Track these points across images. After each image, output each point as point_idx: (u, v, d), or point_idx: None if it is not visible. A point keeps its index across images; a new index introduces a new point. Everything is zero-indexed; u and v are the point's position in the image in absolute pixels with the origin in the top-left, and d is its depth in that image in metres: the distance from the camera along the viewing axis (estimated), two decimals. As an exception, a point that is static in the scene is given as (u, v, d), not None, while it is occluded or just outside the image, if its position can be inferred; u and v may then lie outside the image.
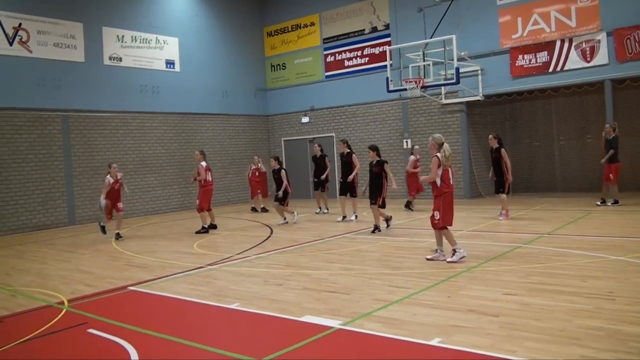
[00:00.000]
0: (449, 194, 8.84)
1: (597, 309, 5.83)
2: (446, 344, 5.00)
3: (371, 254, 9.81)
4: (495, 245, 9.85)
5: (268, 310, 6.46)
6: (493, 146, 13.59)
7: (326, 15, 22.52)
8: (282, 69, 24.01)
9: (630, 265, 7.74)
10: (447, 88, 18.59)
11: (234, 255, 10.32)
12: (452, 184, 8.92)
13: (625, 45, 16.11)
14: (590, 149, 19.21)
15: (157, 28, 20.47)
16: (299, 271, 8.60)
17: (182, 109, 21.09)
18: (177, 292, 7.62)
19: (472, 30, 18.27)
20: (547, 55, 17.41)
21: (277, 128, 24.27)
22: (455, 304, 6.25)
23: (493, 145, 13.59)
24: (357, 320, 5.85)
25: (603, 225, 11.75)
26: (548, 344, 4.87)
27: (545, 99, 19.62)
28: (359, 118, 21.60)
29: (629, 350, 4.64)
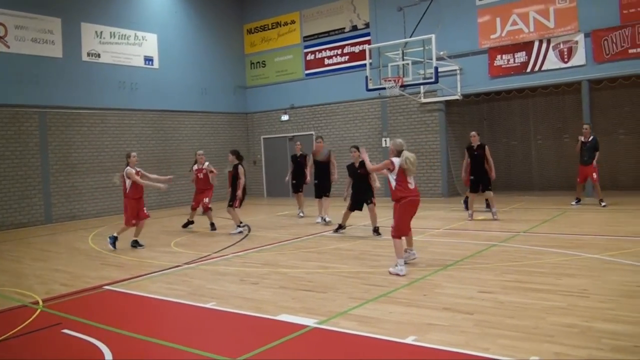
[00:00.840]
0: (408, 201, 8.07)
1: (570, 306, 5.90)
2: (421, 342, 5.02)
3: (349, 252, 9.83)
4: (471, 244, 9.93)
5: (244, 309, 6.43)
6: (475, 144, 13.40)
7: (307, 13, 22.51)
8: (262, 67, 23.95)
9: (605, 263, 7.84)
10: (426, 87, 18.69)
11: (212, 253, 10.28)
12: (414, 189, 8.17)
13: (602, 46, 16.31)
14: (568, 148, 19.42)
15: (136, 24, 20.29)
16: (275, 270, 8.58)
17: (161, 106, 20.93)
18: (153, 291, 7.57)
19: (452, 30, 18.37)
20: (525, 55, 17.57)
21: (257, 126, 24.21)
22: (430, 302, 6.28)
23: (475, 143, 13.40)
24: (333, 319, 5.85)
25: (579, 223, 11.89)
26: (522, 341, 4.92)
27: (523, 98, 19.80)
28: (339, 116, 21.62)
29: (602, 347, 4.71)
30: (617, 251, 8.58)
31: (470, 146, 13.46)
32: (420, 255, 8.88)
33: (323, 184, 14.24)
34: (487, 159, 13.24)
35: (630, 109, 18.44)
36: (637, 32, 15.76)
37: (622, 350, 4.63)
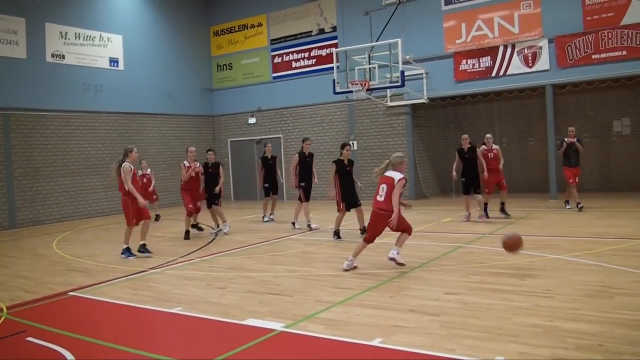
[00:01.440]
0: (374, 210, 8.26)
1: (535, 306, 5.99)
2: (387, 344, 5.04)
3: (317, 255, 9.83)
4: (437, 246, 10.01)
5: (210, 314, 6.38)
6: (466, 146, 13.37)
7: (273, 16, 22.47)
8: (229, 69, 23.83)
9: (568, 264, 7.98)
10: (392, 91, 18.81)
11: (178, 258, 10.17)
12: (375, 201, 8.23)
13: (566, 51, 16.64)
14: (532, 151, 19.78)
15: (101, 25, 19.98)
16: (242, 274, 8.53)
17: (126, 109, 20.65)
18: (119, 297, 7.45)
19: (417, 35, 18.53)
20: (490, 60, 17.82)
21: (224, 129, 24.06)
22: (397, 304, 6.31)
23: (466, 146, 13.37)
24: (300, 322, 5.84)
25: (543, 225, 12.08)
26: (486, 342, 4.97)
27: (488, 102, 20.08)
28: (306, 119, 21.62)
29: (566, 346, 4.79)
30: (580, 252, 8.74)
31: (461, 149, 13.48)
32: (386, 258, 8.90)
33: (310, 187, 13.64)
34: (478, 161, 13.34)
35: (594, 113, 18.85)
36: (600, 38, 16.13)
37: (585, 348, 4.72)
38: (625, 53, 15.89)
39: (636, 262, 7.80)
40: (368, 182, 20.11)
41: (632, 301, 6.00)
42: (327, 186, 12.11)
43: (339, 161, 11.49)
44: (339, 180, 11.38)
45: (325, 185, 12.35)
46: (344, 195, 11.33)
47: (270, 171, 15.22)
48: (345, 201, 11.35)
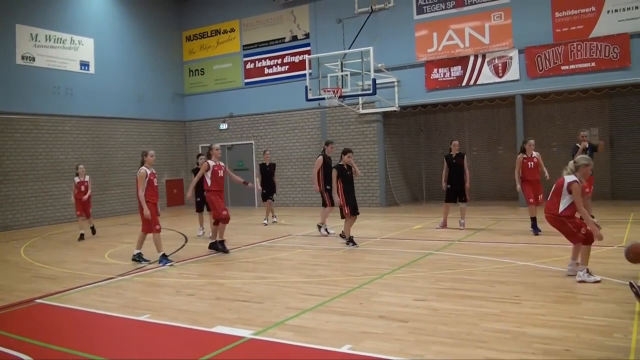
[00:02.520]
0: None
1: (503, 312, 6.03)
2: (356, 350, 5.03)
3: (287, 262, 9.78)
4: (407, 252, 10.04)
5: (178, 321, 6.29)
6: (455, 152, 13.06)
7: (246, 21, 22.44)
8: (201, 75, 23.70)
9: (537, 270, 8.06)
10: (364, 98, 18.91)
11: (147, 265, 10.04)
12: None
13: (536, 62, 16.92)
14: (502, 159, 19.98)
15: (72, 28, 19.72)
16: (212, 280, 8.45)
17: (96, 113, 20.38)
18: (86, 304, 7.31)
19: (389, 43, 18.68)
20: (461, 69, 18.02)
21: (195, 134, 23.90)
22: (366, 311, 6.30)
23: (455, 152, 13.06)
24: (269, 329, 5.79)
25: (512, 232, 12.20)
26: (455, 348, 4.99)
27: (458, 111, 20.28)
28: (279, 126, 21.59)
29: (533, 352, 4.83)
30: (549, 259, 8.85)
31: (450, 155, 13.17)
32: (356, 264, 8.93)
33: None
34: (463, 168, 13.08)
35: (563, 123, 19.13)
36: (569, 50, 16.45)
37: (552, 353, 4.77)
38: (594, 65, 16.21)
39: (603, 268, 7.91)
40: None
41: (599, 307, 6.08)
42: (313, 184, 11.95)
43: (340, 167, 11.22)
44: (342, 185, 11.13)
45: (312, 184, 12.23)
46: (348, 200, 11.10)
47: (267, 177, 15.44)
48: (350, 205, 11.12)
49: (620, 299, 6.28)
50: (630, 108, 17.94)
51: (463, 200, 13.12)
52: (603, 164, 18.51)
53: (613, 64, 15.98)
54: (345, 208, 11.08)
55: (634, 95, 17.29)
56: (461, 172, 13.07)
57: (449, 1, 18.30)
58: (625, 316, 5.70)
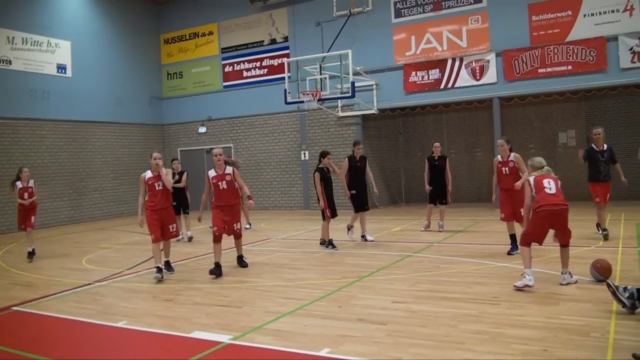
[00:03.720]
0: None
1: (481, 313, 6.06)
2: (334, 353, 5.01)
3: (266, 266, 9.73)
4: (386, 255, 10.05)
5: (156, 327, 6.23)
6: (437, 155, 12.89)
7: (225, 24, 22.35)
8: (179, 78, 23.56)
9: (515, 271, 8.07)
10: (343, 101, 18.93)
11: (124, 270, 9.93)
12: None
13: (513, 65, 17.07)
14: (480, 162, 20.13)
15: (49, 30, 19.45)
16: (190, 285, 8.38)
17: (74, 117, 20.13)
18: (63, 311, 7.20)
19: (368, 46, 18.71)
20: (438, 72, 18.12)
21: (173, 138, 23.73)
22: (345, 314, 6.29)
23: (437, 154, 12.90)
24: (248, 334, 5.75)
25: (491, 234, 12.26)
26: (433, 349, 5.00)
27: (436, 114, 20.37)
28: (258, 129, 21.53)
29: (511, 352, 4.85)
30: (526, 260, 8.89)
31: (432, 157, 13.01)
32: (335, 267, 8.93)
33: (362, 196, 11.84)
34: (445, 170, 12.91)
35: (540, 125, 19.32)
36: (546, 53, 16.61)
37: (530, 354, 4.79)
38: (571, 68, 16.38)
39: (580, 269, 7.96)
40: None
41: (577, 307, 6.13)
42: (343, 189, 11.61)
43: (321, 169, 11.16)
44: (324, 188, 11.07)
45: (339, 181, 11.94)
46: (330, 202, 11.12)
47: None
48: (331, 208, 11.10)
49: (598, 299, 6.33)
50: (606, 110, 18.16)
51: (444, 202, 13.01)
52: (581, 165, 18.67)
53: (589, 67, 16.16)
54: (327, 211, 11.06)
55: (610, 97, 17.50)
56: (443, 174, 12.93)
57: (427, 5, 18.41)
58: (602, 316, 5.75)
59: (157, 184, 9.12)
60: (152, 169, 9.28)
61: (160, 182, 9.15)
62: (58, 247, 13.83)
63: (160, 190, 9.10)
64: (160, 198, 9.10)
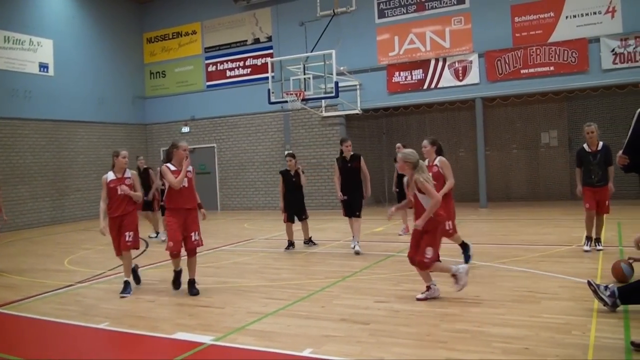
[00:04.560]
0: None
1: (463, 312, 6.09)
2: (317, 354, 5.01)
3: (249, 266, 9.71)
4: (369, 255, 10.06)
5: (138, 328, 6.19)
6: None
7: (208, 24, 22.27)
8: (162, 77, 23.42)
9: (497, 271, 8.15)
10: (327, 101, 18.93)
11: (107, 271, 9.84)
12: None
13: (495, 66, 17.18)
14: (463, 162, 20.24)
15: (31, 29, 19.23)
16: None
17: (56, 116, 19.94)
18: (44, 312, 7.11)
19: (352, 47, 18.74)
20: (422, 73, 18.19)
21: (156, 138, 23.59)
22: (328, 314, 6.28)
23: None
24: (230, 334, 5.72)
25: (473, 233, 12.32)
26: (415, 349, 5.01)
27: (420, 114, 20.44)
28: (241, 129, 21.47)
29: (493, 350, 4.88)
30: (509, 259, 8.96)
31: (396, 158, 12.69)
32: (319, 267, 8.92)
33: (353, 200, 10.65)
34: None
35: (522, 125, 19.47)
36: (529, 54, 16.76)
37: (512, 352, 4.82)
38: (553, 69, 16.53)
39: (562, 267, 8.04)
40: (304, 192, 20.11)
41: (558, 305, 6.18)
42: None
43: (286, 172, 11.24)
44: (285, 191, 11.12)
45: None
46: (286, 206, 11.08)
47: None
48: (287, 212, 11.08)
49: (579, 297, 6.39)
50: (588, 111, 18.32)
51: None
52: (563, 165, 18.89)
53: (571, 68, 16.31)
54: (283, 215, 11.17)
55: (591, 98, 17.66)
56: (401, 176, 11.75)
57: (410, 5, 18.48)
58: (583, 314, 5.80)
59: (119, 187, 8.00)
60: (115, 169, 8.14)
61: (123, 186, 8.00)
62: (40, 247, 13.69)
63: (122, 195, 7.98)
64: (121, 203, 7.96)
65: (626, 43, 15.67)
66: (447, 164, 8.38)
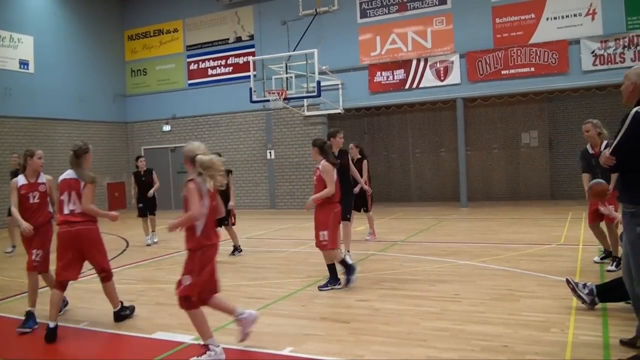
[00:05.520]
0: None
1: (443, 310, 6.11)
2: (297, 352, 5.02)
3: (229, 265, 9.67)
4: (351, 253, 10.04)
5: (117, 328, 6.16)
6: (355, 157, 11.55)
7: (190, 22, 22.14)
8: (143, 75, 23.25)
9: (477, 269, 8.20)
10: (309, 100, 18.90)
11: (86, 270, 9.69)
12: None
13: (476, 67, 17.28)
14: (444, 161, 20.37)
15: (11, 25, 18.93)
16: (152, 286, 8.28)
17: (36, 114, 19.67)
18: (23, 313, 7.02)
19: (334, 46, 18.74)
20: (403, 73, 18.24)
21: (137, 136, 23.42)
22: (309, 313, 6.29)
23: (355, 156, 11.58)
24: (211, 333, 5.70)
25: (454, 232, 12.40)
26: (395, 347, 5.03)
27: (401, 114, 20.51)
28: (223, 128, 21.38)
29: (472, 348, 4.92)
30: (489, 257, 9.01)
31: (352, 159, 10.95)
32: (300, 266, 8.91)
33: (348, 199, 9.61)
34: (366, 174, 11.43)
35: (502, 126, 19.61)
36: (509, 55, 16.86)
37: (490, 350, 4.86)
38: (533, 70, 16.66)
39: (541, 266, 8.11)
40: (285, 191, 20.14)
41: (537, 303, 6.23)
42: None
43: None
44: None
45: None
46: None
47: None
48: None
49: (558, 295, 6.45)
50: (568, 111, 18.52)
51: (366, 209, 11.53)
52: (543, 165, 19.07)
53: (552, 69, 16.45)
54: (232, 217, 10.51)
55: (571, 99, 17.84)
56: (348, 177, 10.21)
57: (392, 6, 18.52)
58: (562, 312, 5.86)
59: (32, 195, 6.88)
60: (27, 172, 7.06)
61: (37, 194, 6.91)
62: (20, 247, 13.44)
63: (36, 204, 6.87)
64: (34, 213, 6.80)
65: (606, 45, 15.84)
66: (328, 170, 7.33)
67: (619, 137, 4.42)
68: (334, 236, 7.28)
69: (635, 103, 4.49)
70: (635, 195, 4.40)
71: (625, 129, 4.39)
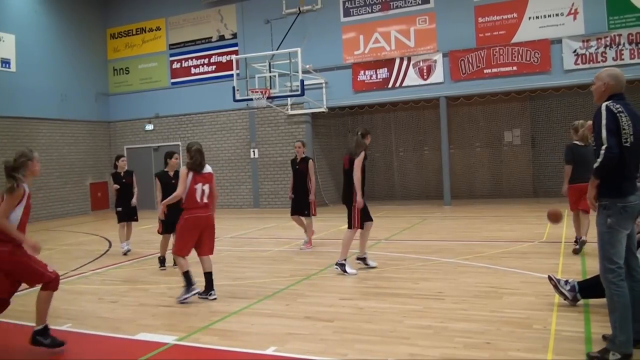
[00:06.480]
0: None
1: (426, 308, 6.15)
2: (281, 352, 5.02)
3: (213, 265, 9.59)
4: (334, 252, 10.00)
5: (101, 329, 6.12)
6: (300, 156, 10.84)
7: (172, 20, 22.02)
8: (126, 74, 23.08)
9: (459, 267, 8.25)
10: (292, 99, 18.88)
11: (69, 271, 9.67)
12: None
13: (459, 66, 17.35)
14: (427, 160, 20.47)
15: (-8, 23, 18.79)
16: (136, 286, 8.23)
17: (17, 113, 19.43)
18: (5, 315, 6.88)
19: (317, 45, 18.73)
20: (387, 72, 18.27)
21: (120, 135, 23.25)
22: (292, 312, 6.29)
23: (300, 156, 10.85)
24: (194, 334, 5.69)
25: (437, 230, 12.47)
26: (378, 345, 5.05)
27: (385, 112, 20.58)
28: (206, 126, 21.30)
29: (455, 345, 4.95)
30: (472, 255, 9.07)
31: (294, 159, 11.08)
32: (284, 265, 8.91)
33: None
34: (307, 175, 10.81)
35: (485, 124, 19.73)
36: (492, 54, 16.95)
37: (473, 347, 4.90)
38: (516, 69, 16.76)
39: (524, 263, 8.18)
40: (269, 190, 20.11)
41: (519, 300, 6.28)
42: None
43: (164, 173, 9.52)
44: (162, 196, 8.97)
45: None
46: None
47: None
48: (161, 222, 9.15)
49: (540, 292, 6.50)
50: (550, 110, 18.68)
51: (307, 214, 10.78)
52: (525, 163, 19.22)
53: (534, 68, 16.55)
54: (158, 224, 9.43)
55: (554, 97, 17.99)
56: (304, 180, 10.72)
57: (375, 5, 18.54)
58: (544, 308, 5.92)
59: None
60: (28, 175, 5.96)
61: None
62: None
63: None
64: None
65: (588, 44, 15.98)
66: (182, 174, 7.32)
67: (605, 134, 4.46)
68: None
69: None
70: (607, 188, 4.51)
71: (605, 122, 4.45)
